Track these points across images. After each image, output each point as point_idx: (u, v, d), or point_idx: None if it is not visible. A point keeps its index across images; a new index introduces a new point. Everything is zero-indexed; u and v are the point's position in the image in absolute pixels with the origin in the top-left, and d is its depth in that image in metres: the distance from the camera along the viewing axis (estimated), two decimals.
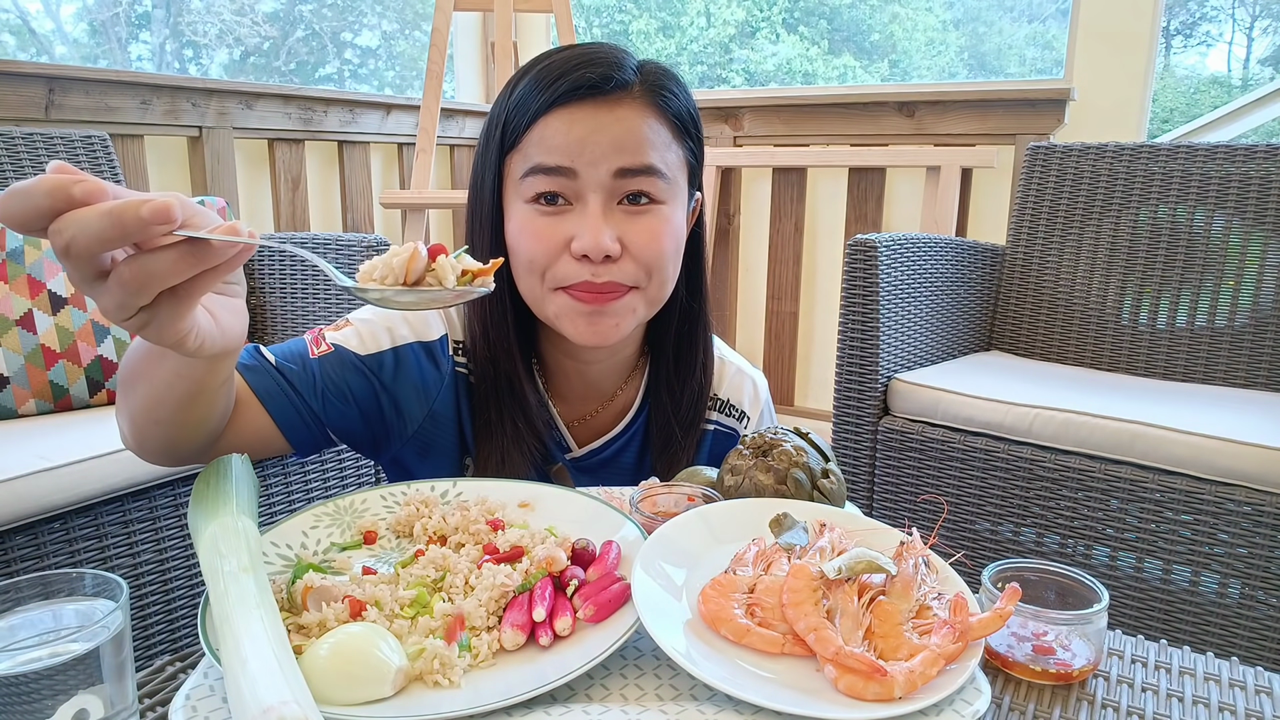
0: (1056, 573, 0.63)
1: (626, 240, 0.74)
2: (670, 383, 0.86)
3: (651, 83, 0.75)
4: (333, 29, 2.96)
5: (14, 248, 1.43)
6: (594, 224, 0.72)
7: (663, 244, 0.75)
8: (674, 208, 0.77)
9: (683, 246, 0.80)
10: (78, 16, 2.38)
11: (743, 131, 2.78)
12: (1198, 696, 0.57)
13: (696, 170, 0.82)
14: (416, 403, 0.82)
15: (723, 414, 0.92)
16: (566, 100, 0.72)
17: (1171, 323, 1.82)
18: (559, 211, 0.74)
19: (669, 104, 0.76)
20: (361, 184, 2.66)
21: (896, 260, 1.70)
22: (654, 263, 0.75)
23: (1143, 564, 1.41)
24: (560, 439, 0.87)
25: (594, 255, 0.72)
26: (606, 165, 0.72)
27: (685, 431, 0.87)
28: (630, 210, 0.74)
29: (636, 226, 0.74)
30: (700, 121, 0.81)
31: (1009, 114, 2.39)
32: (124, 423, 0.68)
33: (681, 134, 0.77)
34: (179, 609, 1.35)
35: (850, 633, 0.54)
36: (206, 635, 0.53)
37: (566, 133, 0.72)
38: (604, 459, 0.88)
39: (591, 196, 0.73)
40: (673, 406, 0.86)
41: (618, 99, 0.73)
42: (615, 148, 0.72)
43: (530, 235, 0.74)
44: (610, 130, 0.72)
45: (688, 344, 0.86)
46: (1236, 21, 3.36)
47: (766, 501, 0.68)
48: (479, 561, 0.62)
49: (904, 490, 1.67)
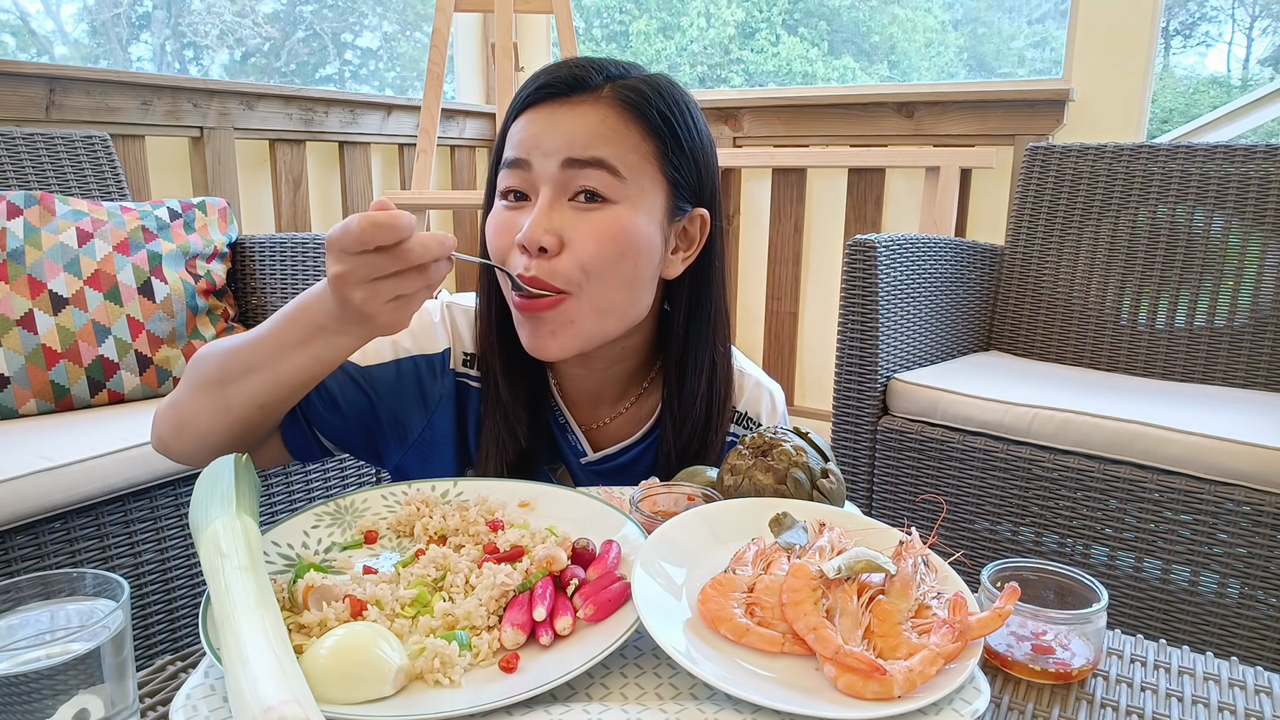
0: (1055, 572, 0.63)
1: (568, 236, 0.72)
2: (674, 410, 0.84)
3: (624, 86, 0.75)
4: (333, 30, 2.96)
5: (14, 248, 1.43)
6: (536, 214, 0.72)
7: (603, 245, 0.72)
8: (631, 211, 0.73)
9: (641, 254, 0.74)
10: (78, 17, 2.38)
11: (742, 132, 2.79)
12: (1197, 696, 0.57)
13: (685, 186, 0.78)
14: (416, 414, 0.83)
15: (740, 425, 0.90)
16: (533, 101, 0.75)
17: (1170, 323, 1.82)
18: (519, 207, 0.75)
19: (640, 109, 0.74)
20: (362, 184, 2.66)
21: (896, 260, 1.70)
22: (591, 264, 0.72)
23: (1142, 563, 1.42)
24: (576, 443, 0.86)
25: (528, 245, 0.71)
26: (556, 157, 0.72)
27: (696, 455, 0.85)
28: (579, 207, 0.73)
29: (580, 223, 0.72)
30: (696, 137, 0.78)
31: (1008, 114, 2.39)
32: (202, 415, 0.73)
33: (656, 141, 0.75)
34: (180, 608, 1.35)
35: (849, 632, 0.54)
36: (207, 634, 0.53)
37: (526, 128, 0.74)
38: (620, 465, 0.87)
39: (543, 189, 0.73)
40: (674, 435, 0.84)
41: (580, 99, 0.74)
42: (566, 140, 0.72)
43: (492, 229, 0.76)
44: (564, 124, 0.73)
45: (691, 373, 0.82)
46: (1236, 22, 3.36)
47: (766, 501, 0.68)
48: (479, 561, 0.62)
49: (903, 490, 1.67)
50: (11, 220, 1.45)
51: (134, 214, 1.61)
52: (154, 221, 1.63)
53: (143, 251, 1.57)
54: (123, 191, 1.77)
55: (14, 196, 1.47)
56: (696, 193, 0.80)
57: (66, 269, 1.46)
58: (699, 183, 0.79)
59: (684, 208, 0.79)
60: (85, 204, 1.56)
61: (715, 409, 0.84)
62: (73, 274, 1.47)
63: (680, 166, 0.77)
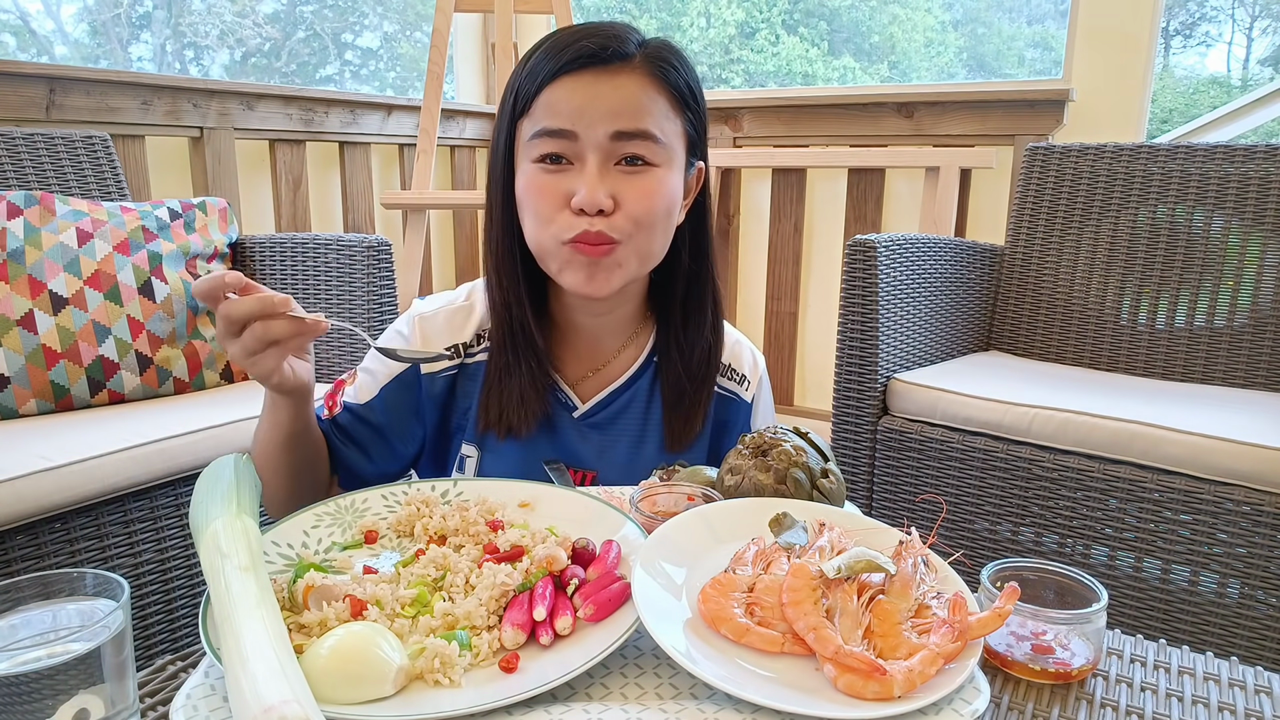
0: (1055, 572, 0.63)
1: (620, 197, 0.80)
2: (679, 342, 0.92)
3: (653, 56, 0.81)
4: (334, 30, 2.96)
5: (15, 248, 1.43)
6: (591, 181, 0.78)
7: (653, 202, 0.81)
8: (668, 171, 0.82)
9: (675, 210, 0.85)
10: (78, 17, 2.38)
11: (742, 132, 2.79)
12: (1197, 696, 0.57)
13: (698, 141, 0.87)
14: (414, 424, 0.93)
15: (725, 377, 0.98)
16: (570, 69, 0.79)
17: (1170, 323, 1.82)
18: (561, 170, 0.80)
19: (668, 76, 0.82)
20: (362, 184, 2.66)
21: (896, 260, 1.70)
22: (643, 218, 0.81)
23: (1141, 563, 1.42)
24: (567, 399, 0.93)
25: (589, 209, 0.78)
26: (604, 128, 0.78)
27: (697, 387, 0.93)
28: (626, 170, 0.80)
29: (630, 185, 0.80)
30: (701, 95, 0.87)
31: (1008, 114, 2.39)
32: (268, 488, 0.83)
33: (680, 105, 0.83)
34: (180, 608, 1.35)
35: (849, 632, 0.54)
36: (207, 634, 0.53)
37: (569, 99, 0.79)
38: (610, 414, 0.93)
39: (590, 156, 0.79)
40: (683, 363, 0.92)
41: (618, 68, 0.79)
42: (613, 113, 0.78)
43: (535, 191, 0.81)
44: (609, 97, 0.79)
45: (696, 305, 0.92)
46: (1236, 22, 3.36)
47: (766, 501, 0.68)
48: (479, 561, 0.62)
49: (903, 490, 1.67)
50: (11, 220, 1.45)
51: (134, 214, 1.61)
52: (154, 222, 1.63)
53: (143, 251, 1.57)
54: (123, 191, 1.77)
55: (14, 196, 1.47)
56: (701, 146, 0.89)
57: (66, 269, 1.46)
58: (702, 137, 0.89)
59: (694, 161, 0.88)
60: (85, 204, 1.56)
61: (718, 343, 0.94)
62: (73, 274, 1.47)
63: (695, 126, 0.86)
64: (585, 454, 0.93)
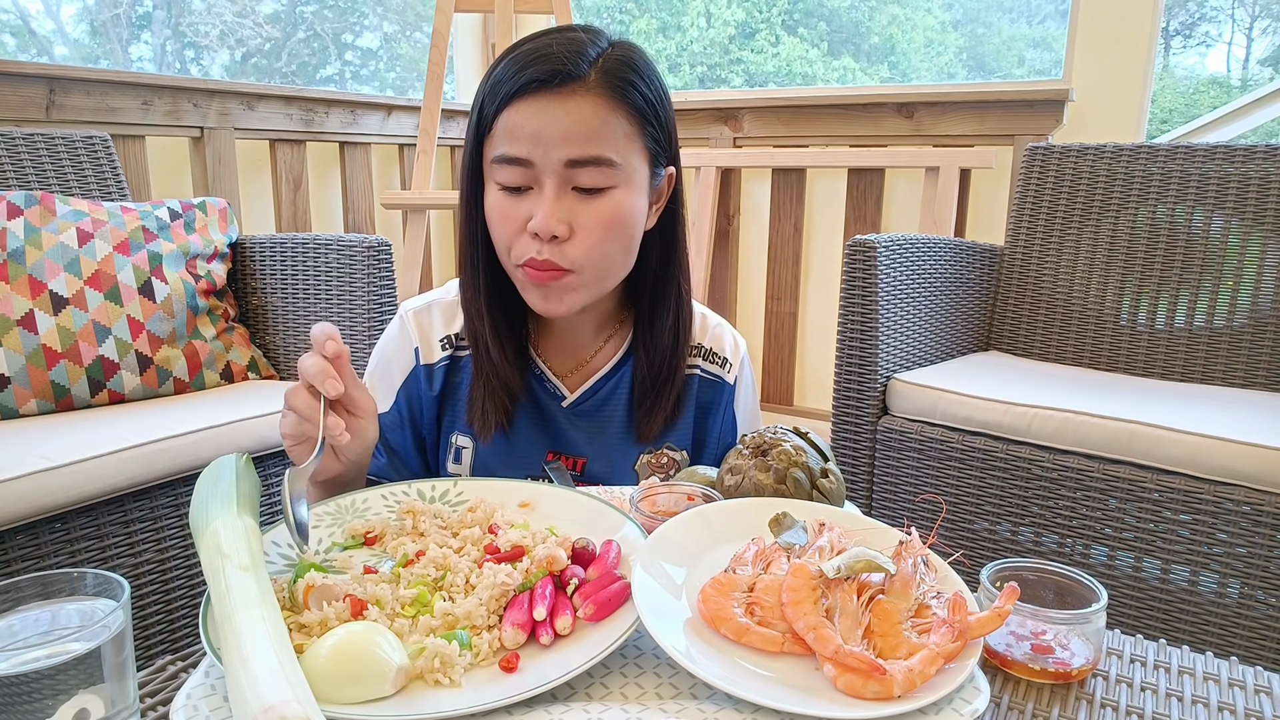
0: (1055, 572, 0.63)
1: (576, 223, 0.81)
2: (646, 343, 0.94)
3: (609, 73, 0.80)
4: (334, 30, 2.96)
5: (15, 248, 1.43)
6: (546, 207, 0.79)
7: (608, 230, 0.82)
8: (628, 192, 0.82)
9: (638, 226, 0.86)
10: (78, 17, 2.38)
11: (742, 132, 2.79)
12: (1197, 696, 0.57)
13: (665, 148, 0.87)
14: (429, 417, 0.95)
15: (706, 360, 0.99)
16: (524, 93, 0.79)
17: (1170, 323, 1.82)
18: (521, 194, 0.81)
19: (626, 94, 0.81)
20: (362, 184, 2.66)
21: (895, 261, 1.70)
22: (594, 248, 0.82)
23: (1141, 563, 1.42)
24: (555, 390, 0.95)
25: (542, 234, 0.79)
26: (558, 155, 0.79)
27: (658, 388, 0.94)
28: (583, 196, 0.81)
29: (587, 210, 0.81)
30: (665, 101, 0.86)
31: (1008, 115, 2.39)
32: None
33: (639, 122, 0.82)
34: (179, 608, 1.35)
35: (849, 631, 0.54)
36: (208, 634, 0.53)
37: (524, 124, 0.79)
38: (597, 402, 0.95)
39: (547, 182, 0.80)
40: (649, 362, 0.94)
41: (570, 91, 0.79)
42: (565, 140, 0.78)
43: (498, 216, 0.83)
44: (561, 124, 0.78)
45: (661, 308, 0.94)
46: (1236, 22, 3.36)
47: (766, 501, 0.68)
48: (479, 561, 0.62)
49: (903, 490, 1.67)
50: (12, 220, 1.45)
51: (134, 214, 1.61)
52: (154, 222, 1.63)
53: (143, 252, 1.57)
54: (123, 191, 1.77)
55: (14, 196, 1.47)
56: (668, 153, 0.88)
57: (67, 269, 1.46)
58: (669, 144, 0.88)
59: (660, 171, 0.87)
60: (85, 204, 1.56)
61: (681, 338, 0.95)
62: (73, 274, 1.47)
63: (658, 137, 0.85)
64: (576, 440, 0.95)
